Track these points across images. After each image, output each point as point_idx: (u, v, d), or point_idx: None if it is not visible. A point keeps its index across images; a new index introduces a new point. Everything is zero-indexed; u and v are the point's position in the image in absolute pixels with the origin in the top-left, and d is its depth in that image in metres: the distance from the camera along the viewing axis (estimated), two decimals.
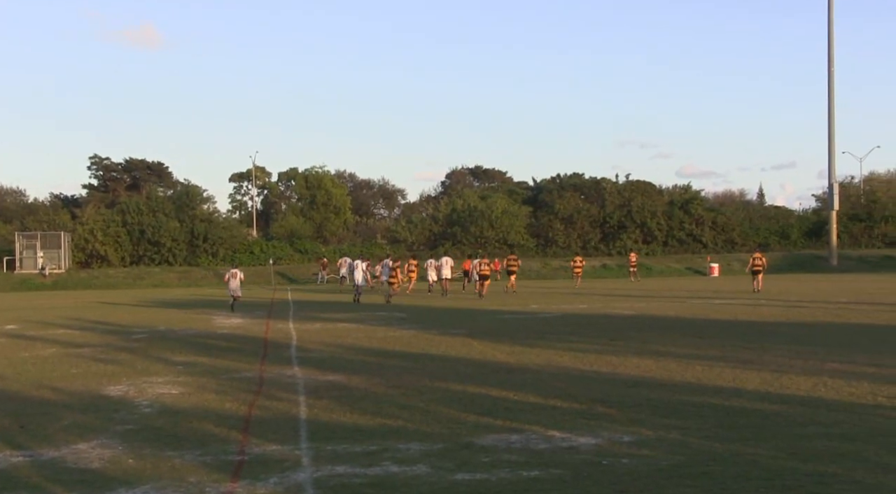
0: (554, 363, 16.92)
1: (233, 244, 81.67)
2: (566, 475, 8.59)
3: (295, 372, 16.60)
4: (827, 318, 25.79)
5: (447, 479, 8.52)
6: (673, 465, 8.86)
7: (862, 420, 10.92)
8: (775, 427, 10.64)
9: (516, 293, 44.92)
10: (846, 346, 18.69)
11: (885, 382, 13.72)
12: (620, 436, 10.19)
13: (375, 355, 18.98)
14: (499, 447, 9.82)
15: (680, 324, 25.09)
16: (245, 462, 9.41)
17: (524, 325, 25.60)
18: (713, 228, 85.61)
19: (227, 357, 19.19)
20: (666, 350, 18.53)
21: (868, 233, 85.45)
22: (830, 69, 75.85)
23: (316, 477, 8.69)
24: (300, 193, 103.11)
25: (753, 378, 14.48)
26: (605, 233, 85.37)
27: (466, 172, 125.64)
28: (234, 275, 37.51)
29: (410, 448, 9.85)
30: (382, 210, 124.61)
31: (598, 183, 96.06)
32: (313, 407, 12.71)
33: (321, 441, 10.27)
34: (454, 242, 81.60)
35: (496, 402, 12.69)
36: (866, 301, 32.97)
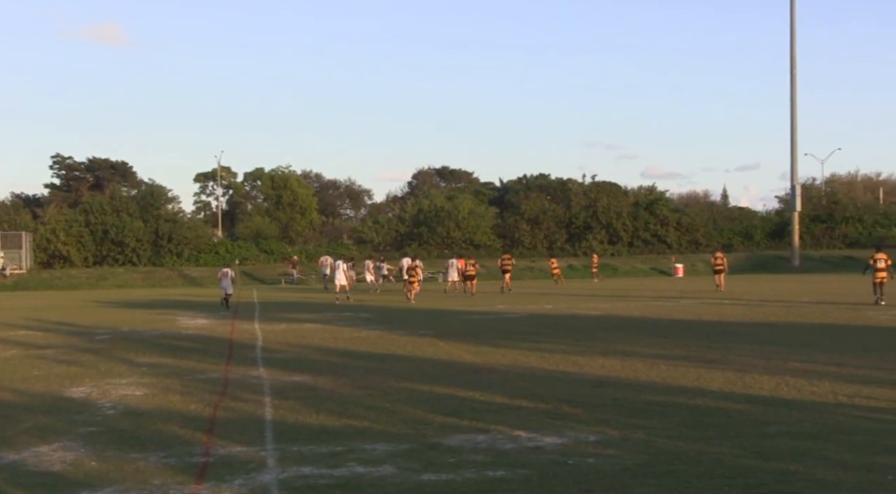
0: (520, 363, 16.96)
1: (198, 244, 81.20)
2: (532, 475, 8.61)
3: (260, 372, 16.53)
4: (789, 318, 26.01)
5: (413, 480, 8.52)
6: (638, 464, 8.90)
7: (823, 418, 11.02)
8: (739, 425, 10.72)
9: (511, 291, 46.67)
10: (808, 346, 18.87)
11: (846, 381, 13.86)
12: (586, 436, 10.24)
13: (341, 356, 18.94)
14: (465, 447, 9.83)
15: (645, 324, 25.21)
16: (210, 463, 9.36)
17: (490, 326, 25.64)
18: (678, 229, 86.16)
19: (191, 358, 19.08)
20: (631, 350, 18.62)
21: (829, 233, 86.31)
22: (793, 72, 76.51)
23: (281, 479, 8.66)
24: (266, 193, 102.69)
25: (717, 377, 14.59)
26: (571, 234, 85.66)
27: (433, 173, 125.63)
28: (225, 274, 38.25)
29: (376, 448, 9.84)
30: (349, 210, 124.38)
31: (564, 184, 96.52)
32: (279, 407, 12.67)
33: (287, 442, 10.24)
34: (420, 243, 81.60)
35: (462, 402, 12.70)
36: (828, 301, 33.29)
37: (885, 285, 31.97)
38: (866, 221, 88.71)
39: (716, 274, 44.15)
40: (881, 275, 31.95)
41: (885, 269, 32.08)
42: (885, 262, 32.23)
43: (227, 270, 39.11)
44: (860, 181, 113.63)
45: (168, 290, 61.18)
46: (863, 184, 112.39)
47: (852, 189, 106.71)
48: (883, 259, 32.36)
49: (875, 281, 31.98)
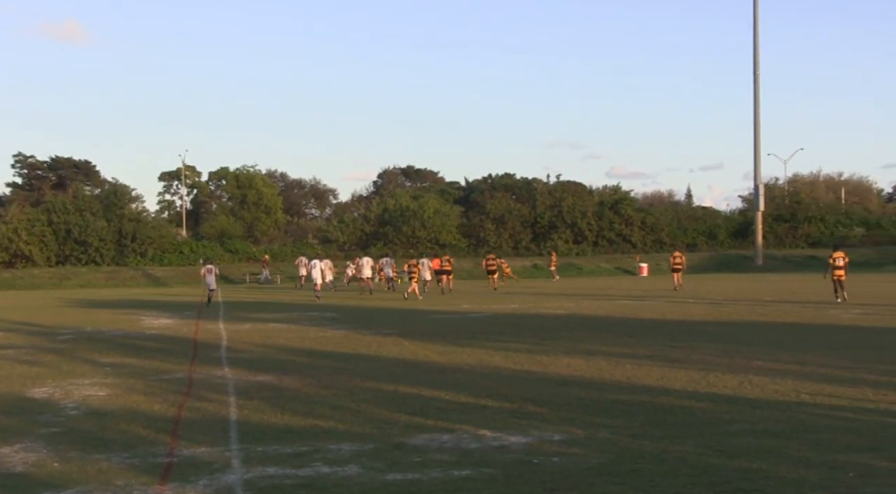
0: (485, 362, 16.98)
1: (162, 244, 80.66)
2: (497, 474, 8.63)
3: (225, 372, 16.46)
4: (752, 317, 26.21)
5: (378, 479, 8.51)
6: (603, 463, 8.94)
7: (786, 416, 11.12)
8: (702, 424, 10.79)
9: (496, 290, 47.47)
10: (771, 344, 19.02)
11: (808, 379, 13.99)
12: (551, 435, 10.27)
13: (307, 355, 18.89)
14: (430, 447, 9.83)
15: (610, 324, 25.32)
16: (174, 464, 9.30)
17: (456, 325, 25.65)
18: (642, 228, 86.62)
19: (155, 358, 18.96)
20: (596, 349, 18.69)
21: (792, 233, 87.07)
22: (756, 72, 77.09)
23: (246, 479, 8.62)
24: (230, 193, 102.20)
25: (681, 376, 14.68)
26: (536, 233, 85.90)
27: (398, 172, 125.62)
28: (209, 271, 39.25)
29: (341, 448, 9.82)
30: (314, 210, 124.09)
31: (530, 183, 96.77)
32: (244, 407, 12.61)
33: (251, 443, 10.20)
34: (386, 242, 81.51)
35: (428, 402, 12.70)
36: (790, 300, 33.58)
37: (843, 283, 32.57)
38: (828, 221, 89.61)
39: (674, 273, 46.35)
40: (839, 274, 32.58)
41: (843, 267, 32.68)
42: (843, 260, 32.89)
43: (210, 266, 40.14)
44: (822, 181, 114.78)
45: (132, 290, 60.76)
46: (825, 184, 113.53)
47: (815, 189, 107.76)
48: (841, 257, 33.04)
49: (834, 279, 32.67)
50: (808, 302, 31.71)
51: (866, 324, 23.31)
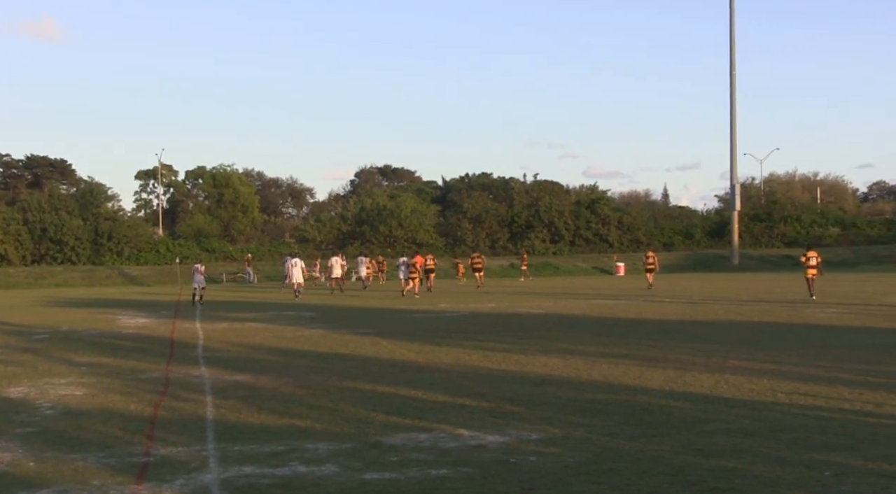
0: (462, 362, 16.99)
1: (138, 243, 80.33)
2: (474, 473, 8.63)
3: (202, 372, 16.39)
4: (729, 316, 26.33)
5: (356, 479, 8.49)
6: (580, 462, 8.96)
7: (762, 416, 11.17)
8: (679, 423, 10.83)
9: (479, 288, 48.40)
10: (747, 344, 19.10)
11: (784, 379, 14.06)
12: (528, 434, 10.27)
13: (283, 355, 18.84)
14: (407, 446, 9.82)
15: (587, 323, 25.38)
16: (150, 463, 9.26)
17: (433, 324, 25.65)
18: (619, 228, 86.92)
19: (132, 357, 18.86)
20: (573, 348, 18.72)
21: (768, 233, 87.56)
22: (732, 72, 77.50)
23: (223, 478, 8.59)
24: (207, 192, 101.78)
25: (658, 375, 14.72)
26: (514, 233, 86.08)
27: (375, 171, 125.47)
28: (197, 270, 39.97)
29: (319, 447, 9.80)
30: (291, 209, 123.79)
31: (507, 182, 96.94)
32: (220, 407, 12.56)
33: (228, 442, 10.16)
34: (363, 241, 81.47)
35: (405, 401, 12.69)
36: (766, 299, 33.76)
37: (815, 282, 33.37)
38: (804, 220, 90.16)
39: (647, 273, 47.43)
40: (812, 273, 33.36)
41: (815, 267, 33.45)
42: (815, 260, 33.61)
43: (198, 266, 41.12)
44: (798, 181, 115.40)
45: (108, 289, 60.42)
46: (801, 184, 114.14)
47: (790, 188, 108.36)
48: (814, 256, 33.75)
49: (807, 277, 33.50)
50: (784, 302, 31.89)
51: (841, 324, 23.45)
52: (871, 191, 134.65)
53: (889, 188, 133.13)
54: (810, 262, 33.49)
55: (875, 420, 10.75)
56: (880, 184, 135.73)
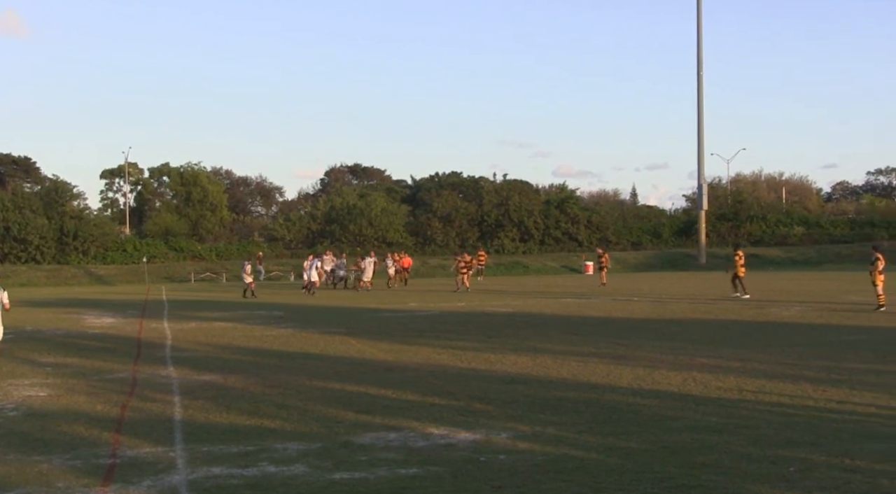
0: (432, 361, 17.01)
1: (105, 242, 79.65)
2: (444, 472, 8.64)
3: (169, 372, 16.32)
4: (696, 315, 26.51)
5: (325, 479, 8.49)
6: (549, 460, 9.00)
7: (729, 413, 11.27)
8: (647, 421, 10.90)
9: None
10: (714, 342, 19.25)
11: (750, 376, 14.19)
12: (498, 432, 10.31)
13: (252, 354, 18.79)
14: (377, 445, 9.83)
15: (555, 322, 25.46)
16: (117, 465, 9.21)
17: (402, 323, 25.66)
18: (588, 227, 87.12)
19: (98, 357, 18.75)
20: (542, 347, 18.79)
21: (735, 232, 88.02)
22: (699, 73, 77.90)
23: (191, 479, 8.56)
24: (175, 190, 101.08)
25: (626, 373, 14.81)
26: (483, 232, 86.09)
27: (345, 170, 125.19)
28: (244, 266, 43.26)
29: (288, 447, 9.79)
30: (260, 208, 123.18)
31: (477, 182, 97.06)
32: (188, 407, 12.52)
33: (196, 443, 10.12)
34: (332, 240, 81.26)
35: (375, 400, 12.70)
36: (732, 298, 33.98)
37: (741, 280, 34.47)
38: (769, 220, 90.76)
39: (601, 271, 49.14)
40: (742, 271, 34.67)
41: (743, 265, 34.82)
42: (742, 259, 34.90)
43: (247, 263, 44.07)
44: (764, 180, 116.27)
45: (74, 289, 59.89)
46: (766, 184, 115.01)
47: (756, 188, 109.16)
48: (741, 256, 35.06)
49: (737, 275, 34.66)
50: (750, 300, 32.11)
51: (805, 322, 23.67)
52: (835, 190, 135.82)
53: (852, 188, 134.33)
54: (740, 261, 34.68)
55: (838, 417, 10.87)
56: (843, 184, 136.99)
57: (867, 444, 9.42)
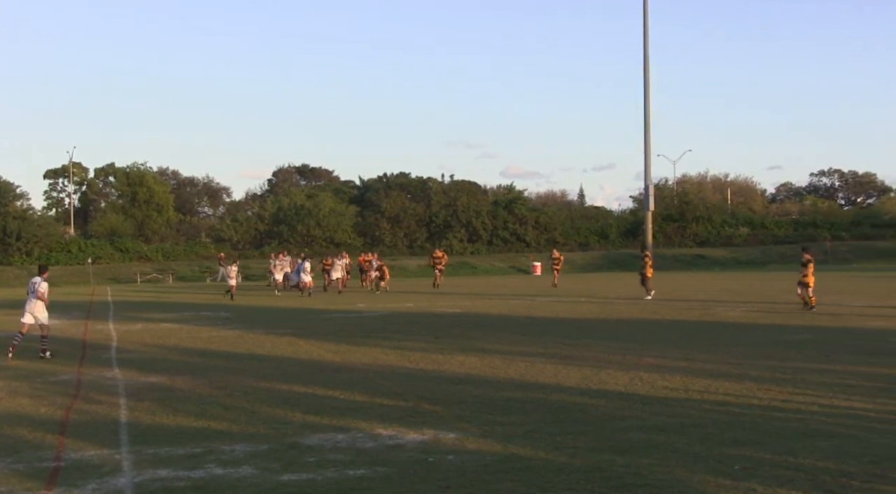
0: (380, 361, 17.00)
1: (48, 243, 78.59)
2: (392, 473, 8.64)
3: (115, 373, 16.16)
4: (643, 315, 26.74)
5: (273, 480, 8.45)
6: (497, 460, 9.03)
7: (675, 412, 11.39)
8: (595, 420, 10.98)
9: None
10: (661, 342, 19.43)
11: (697, 376, 14.34)
12: (446, 433, 10.32)
13: (199, 356, 18.66)
14: (325, 446, 9.80)
15: (503, 322, 25.55)
16: (61, 468, 9.10)
17: (351, 324, 25.60)
18: (536, 228, 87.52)
19: (42, 359, 18.50)
20: (490, 347, 18.84)
21: (681, 232, 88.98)
22: (646, 75, 78.52)
23: (137, 482, 8.48)
24: (120, 191, 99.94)
25: (574, 373, 14.90)
26: (432, 232, 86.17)
27: (293, 171, 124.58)
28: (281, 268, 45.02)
29: (235, 449, 9.73)
30: (207, 208, 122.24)
31: (425, 182, 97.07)
32: (134, 409, 12.40)
33: (143, 445, 10.03)
34: (280, 241, 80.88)
35: (323, 401, 12.66)
36: (679, 298, 34.33)
37: (648, 280, 35.40)
38: (715, 221, 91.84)
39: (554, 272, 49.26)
40: (650, 272, 35.67)
41: (651, 267, 35.90)
42: (649, 260, 36.02)
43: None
44: (710, 182, 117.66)
45: (17, 290, 58.88)
46: (712, 185, 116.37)
47: (702, 189, 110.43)
48: (649, 257, 36.41)
49: (645, 275, 35.58)
50: (696, 301, 32.45)
51: (750, 321, 23.96)
52: (779, 192, 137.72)
53: (796, 189, 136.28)
54: (647, 261, 35.63)
55: (782, 415, 11.02)
56: (787, 185, 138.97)
57: (811, 442, 9.56)
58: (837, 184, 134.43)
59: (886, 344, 18.53)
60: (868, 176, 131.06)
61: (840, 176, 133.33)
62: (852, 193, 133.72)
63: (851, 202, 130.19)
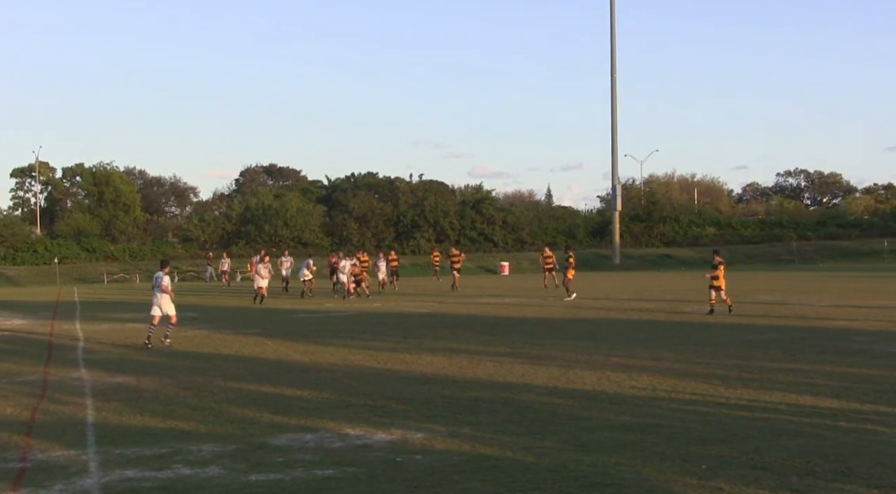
0: (348, 361, 16.99)
1: (14, 242, 78.00)
2: (361, 473, 8.65)
3: (82, 374, 16.06)
4: (610, 315, 26.85)
5: (240, 480, 8.44)
6: (465, 460, 9.05)
7: (642, 411, 11.45)
8: (562, 420, 11.02)
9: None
10: (628, 342, 19.53)
11: (664, 375, 14.43)
12: (414, 433, 10.34)
13: (166, 356, 18.58)
14: (293, 446, 9.79)
15: (471, 322, 25.58)
16: (27, 469, 9.04)
17: (318, 324, 25.56)
18: (504, 228, 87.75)
19: (7, 359, 18.36)
20: (458, 347, 18.88)
21: (648, 232, 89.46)
22: (613, 75, 78.99)
23: (104, 482, 8.44)
24: (87, 190, 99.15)
25: (542, 373, 14.95)
26: (399, 232, 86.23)
27: (260, 170, 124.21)
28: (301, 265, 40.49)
29: (202, 449, 9.70)
30: (174, 208, 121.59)
31: (392, 182, 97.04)
32: (101, 409, 12.33)
33: (109, 445, 9.98)
34: (248, 241, 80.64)
35: (290, 402, 12.64)
36: (646, 298, 34.50)
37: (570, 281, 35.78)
38: (682, 221, 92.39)
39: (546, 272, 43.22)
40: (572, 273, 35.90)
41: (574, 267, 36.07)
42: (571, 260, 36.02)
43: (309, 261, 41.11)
44: (677, 182, 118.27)
45: None
46: (679, 185, 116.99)
47: (669, 189, 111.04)
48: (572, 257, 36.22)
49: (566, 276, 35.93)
50: (663, 300, 32.63)
51: (717, 321, 24.11)
52: (745, 192, 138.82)
53: (762, 189, 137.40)
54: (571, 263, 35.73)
55: (749, 415, 11.11)
56: (754, 185, 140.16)
57: (777, 441, 9.65)
58: (803, 185, 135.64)
59: (851, 343, 18.71)
60: (833, 176, 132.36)
61: (806, 176, 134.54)
62: (818, 193, 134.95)
63: (817, 202, 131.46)
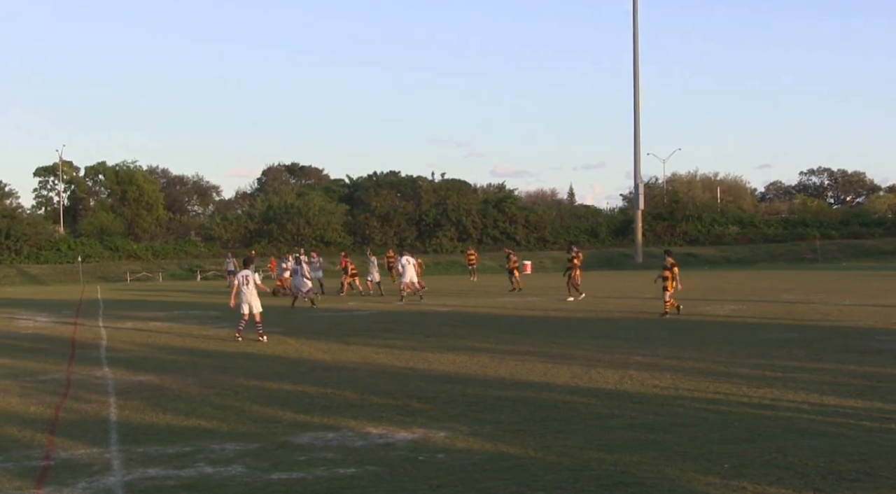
0: (370, 360, 17.00)
1: (38, 241, 78.42)
2: (383, 472, 8.64)
3: (105, 372, 16.12)
4: (632, 314, 26.75)
5: (263, 479, 8.44)
6: (487, 459, 9.03)
7: (664, 411, 11.40)
8: (584, 419, 10.99)
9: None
10: (650, 340, 19.45)
11: (686, 374, 14.37)
12: (436, 432, 10.32)
13: (189, 354, 18.63)
14: (315, 445, 9.80)
15: (493, 321, 25.54)
16: (51, 467, 9.08)
17: (340, 323, 25.59)
18: (526, 226, 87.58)
19: (31, 358, 18.46)
20: (480, 346, 18.85)
21: (670, 231, 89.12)
22: (636, 73, 78.70)
23: (127, 481, 8.46)
24: (110, 189, 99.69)
25: (564, 372, 14.91)
26: (422, 231, 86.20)
27: (283, 169, 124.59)
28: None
29: (225, 448, 9.72)
30: (196, 207, 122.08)
31: (415, 181, 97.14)
32: (124, 408, 12.38)
33: (132, 444, 10.01)
34: (270, 240, 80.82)
35: (313, 400, 12.65)
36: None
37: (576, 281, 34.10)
38: (705, 219, 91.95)
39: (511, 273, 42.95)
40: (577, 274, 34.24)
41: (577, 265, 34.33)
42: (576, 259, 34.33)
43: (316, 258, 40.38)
44: (699, 180, 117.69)
45: (6, 289, 58.88)
46: (702, 184, 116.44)
47: (692, 188, 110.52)
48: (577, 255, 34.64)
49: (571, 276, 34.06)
50: (684, 299, 32.46)
51: (740, 320, 24.00)
52: (769, 190, 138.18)
53: (785, 188, 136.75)
54: (576, 262, 34.17)
55: (772, 414, 11.04)
56: (777, 184, 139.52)
57: (800, 440, 9.58)
58: (827, 183, 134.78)
59: (875, 342, 18.57)
60: (857, 175, 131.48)
61: (829, 175, 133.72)
62: (842, 192, 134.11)
63: (841, 201, 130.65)
